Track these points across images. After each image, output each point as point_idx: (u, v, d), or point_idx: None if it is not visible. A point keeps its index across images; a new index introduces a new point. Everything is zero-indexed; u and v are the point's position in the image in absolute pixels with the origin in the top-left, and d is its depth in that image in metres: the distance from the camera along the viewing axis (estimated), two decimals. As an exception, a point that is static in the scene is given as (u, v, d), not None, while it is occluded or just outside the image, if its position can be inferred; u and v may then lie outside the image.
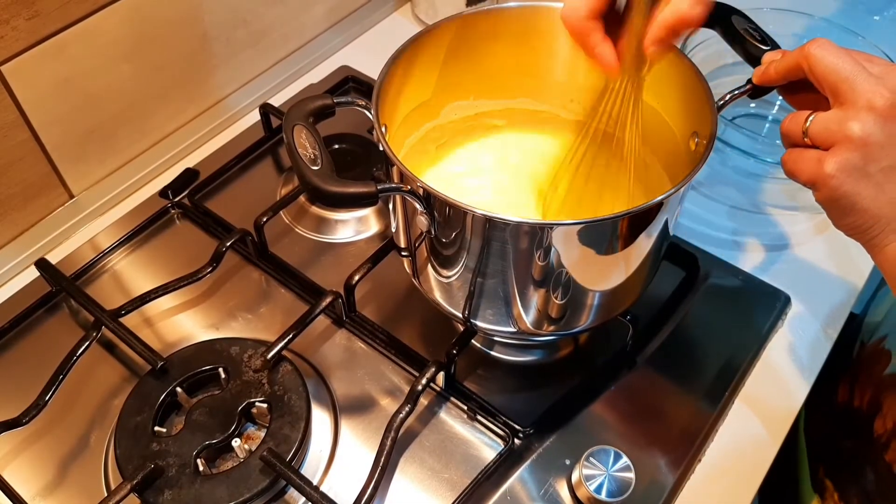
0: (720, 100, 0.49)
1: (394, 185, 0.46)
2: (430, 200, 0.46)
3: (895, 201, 0.42)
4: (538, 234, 0.45)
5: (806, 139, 0.44)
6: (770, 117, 0.80)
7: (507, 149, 0.63)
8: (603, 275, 0.49)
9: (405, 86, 0.55)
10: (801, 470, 0.67)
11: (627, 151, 0.52)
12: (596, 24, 0.48)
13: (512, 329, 0.53)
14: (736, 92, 0.50)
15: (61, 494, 0.54)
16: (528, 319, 0.51)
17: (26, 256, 0.67)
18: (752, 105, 0.80)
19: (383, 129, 0.50)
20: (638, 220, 0.46)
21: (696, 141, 0.50)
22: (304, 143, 0.45)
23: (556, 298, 0.49)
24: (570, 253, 0.46)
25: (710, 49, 0.74)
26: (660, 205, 0.45)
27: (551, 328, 0.53)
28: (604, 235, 0.46)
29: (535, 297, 0.49)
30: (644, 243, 0.48)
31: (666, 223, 0.49)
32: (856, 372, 0.62)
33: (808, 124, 0.44)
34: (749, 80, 0.50)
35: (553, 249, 0.45)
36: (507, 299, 0.50)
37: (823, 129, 0.43)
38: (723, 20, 0.54)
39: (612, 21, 0.49)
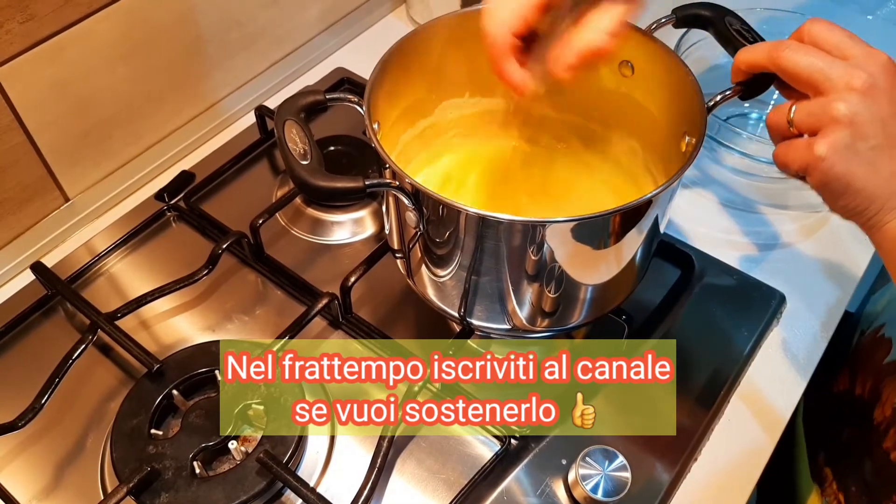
0: (710, 100, 0.49)
1: (383, 181, 0.46)
2: (419, 197, 0.46)
3: (889, 180, 0.42)
4: (531, 232, 0.45)
5: (792, 129, 0.44)
6: (764, 117, 0.80)
7: (502, 148, 0.63)
8: (595, 270, 0.50)
9: (399, 83, 0.55)
10: (798, 459, 0.67)
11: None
12: (517, 43, 0.46)
13: (507, 326, 0.53)
14: (727, 93, 0.50)
15: (58, 498, 0.54)
16: (522, 316, 0.52)
17: (22, 260, 0.67)
18: (746, 105, 0.80)
19: (375, 126, 0.50)
20: (628, 217, 0.47)
21: (686, 141, 0.51)
22: (295, 138, 0.45)
23: (549, 293, 0.50)
24: (562, 249, 0.46)
25: (704, 49, 0.74)
26: (649, 202, 0.46)
27: (545, 323, 0.53)
28: (595, 232, 0.47)
29: (530, 294, 0.50)
30: (634, 239, 0.49)
31: (656, 220, 0.49)
32: (856, 360, 0.63)
33: (792, 114, 0.44)
34: (739, 82, 0.50)
35: (546, 246, 0.45)
36: (502, 296, 0.50)
37: (808, 115, 0.43)
38: (716, 21, 0.54)
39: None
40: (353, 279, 0.61)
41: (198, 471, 0.51)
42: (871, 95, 0.42)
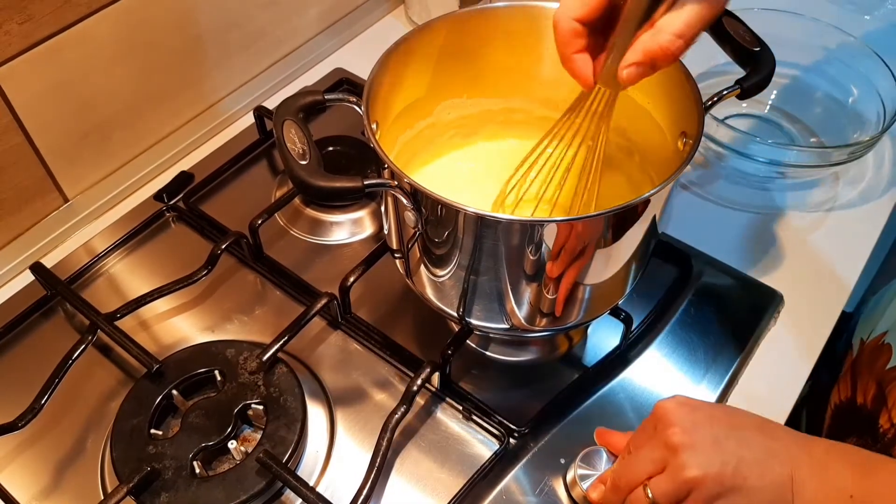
0: (708, 100, 0.49)
1: (381, 181, 0.46)
2: (418, 197, 0.46)
3: (765, 461, 0.43)
4: (529, 232, 0.45)
5: None
6: (763, 116, 0.80)
7: (501, 148, 0.63)
8: (593, 270, 0.50)
9: (398, 83, 0.55)
10: None
11: (596, 159, 0.51)
12: (582, 31, 0.45)
13: (505, 325, 0.53)
14: (724, 93, 0.50)
15: (58, 498, 0.54)
16: (521, 315, 0.52)
17: (21, 260, 0.67)
18: (744, 105, 0.80)
19: (374, 127, 0.50)
20: (625, 217, 0.47)
21: (684, 141, 0.51)
22: (294, 139, 0.46)
23: (547, 294, 0.50)
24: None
25: (702, 49, 0.74)
26: (646, 202, 0.46)
27: (544, 322, 0.53)
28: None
29: (528, 293, 0.50)
30: (632, 240, 0.49)
31: (654, 220, 0.49)
32: (857, 370, 0.63)
33: (650, 495, 0.44)
34: (737, 81, 0.50)
35: (544, 245, 0.45)
36: (500, 296, 0.50)
37: (666, 494, 0.44)
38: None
39: (597, 37, 0.47)
40: (352, 279, 0.61)
41: (197, 471, 0.51)
42: (694, 438, 0.43)
